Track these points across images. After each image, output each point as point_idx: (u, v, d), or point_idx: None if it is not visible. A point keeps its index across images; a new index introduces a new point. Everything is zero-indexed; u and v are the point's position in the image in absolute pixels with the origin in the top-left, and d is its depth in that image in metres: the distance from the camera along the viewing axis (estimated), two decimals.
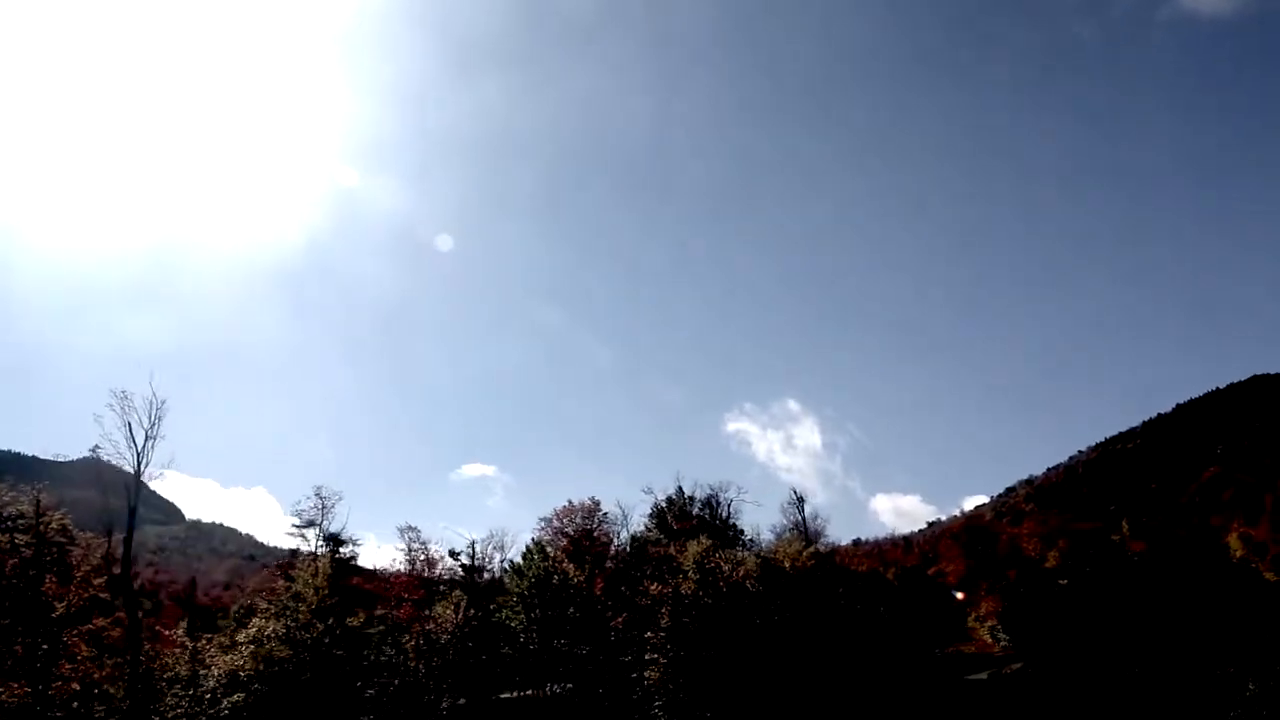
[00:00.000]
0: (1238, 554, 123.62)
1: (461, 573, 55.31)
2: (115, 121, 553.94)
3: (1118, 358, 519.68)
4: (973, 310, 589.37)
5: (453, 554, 55.86)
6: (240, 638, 42.32)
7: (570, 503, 60.36)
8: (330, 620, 42.23)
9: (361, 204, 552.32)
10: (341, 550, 52.62)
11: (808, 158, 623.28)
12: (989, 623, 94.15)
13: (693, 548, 57.08)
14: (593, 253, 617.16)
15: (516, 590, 52.66)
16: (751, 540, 74.22)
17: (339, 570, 46.49)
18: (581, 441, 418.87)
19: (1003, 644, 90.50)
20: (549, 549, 56.64)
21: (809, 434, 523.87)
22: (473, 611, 49.94)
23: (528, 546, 57.83)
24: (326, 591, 43.10)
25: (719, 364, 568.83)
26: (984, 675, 62.03)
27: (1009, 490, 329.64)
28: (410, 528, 60.71)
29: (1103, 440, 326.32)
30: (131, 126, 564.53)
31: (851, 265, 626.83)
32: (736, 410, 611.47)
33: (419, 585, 51.34)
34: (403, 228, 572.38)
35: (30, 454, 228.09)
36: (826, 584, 65.61)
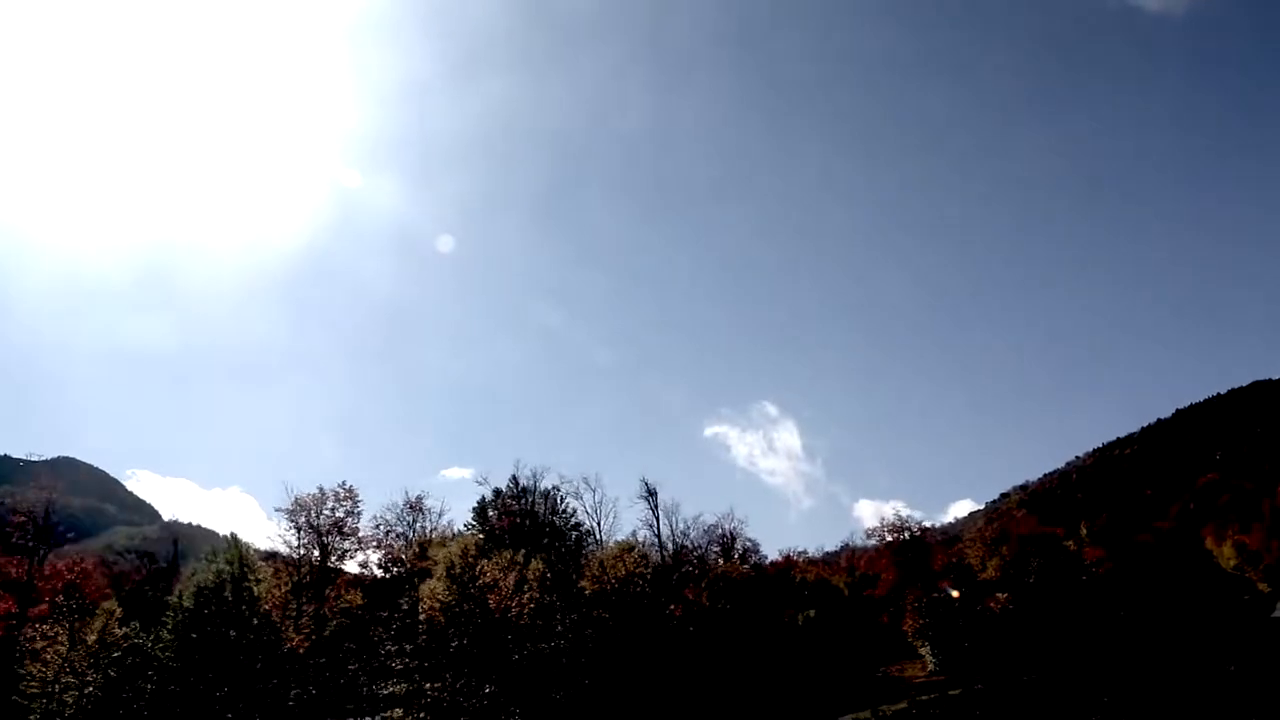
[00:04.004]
0: (1231, 562, 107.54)
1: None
2: (117, 123, 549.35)
3: (1118, 363, 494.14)
4: (967, 312, 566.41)
5: (138, 554, 41.77)
6: None
7: (321, 490, 45.68)
8: None
9: (363, 205, 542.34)
10: None
11: (804, 157, 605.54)
12: (919, 640, 77.80)
13: (446, 549, 42.27)
14: (591, 253, 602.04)
15: (176, 603, 37.90)
16: (597, 542, 58.96)
17: None
18: (564, 445, 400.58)
19: (931, 666, 74.37)
20: (255, 546, 41.88)
21: (788, 437, 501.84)
22: (120, 631, 35.75)
23: (211, 547, 43.07)
24: None
25: (700, 365, 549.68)
26: None
27: (1003, 496, 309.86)
28: None
29: (1100, 446, 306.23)
30: (134, 128, 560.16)
31: (846, 265, 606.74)
32: (714, 414, 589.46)
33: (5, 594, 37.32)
34: (404, 229, 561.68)
35: (1, 453, 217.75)
36: (658, 598, 50.11)
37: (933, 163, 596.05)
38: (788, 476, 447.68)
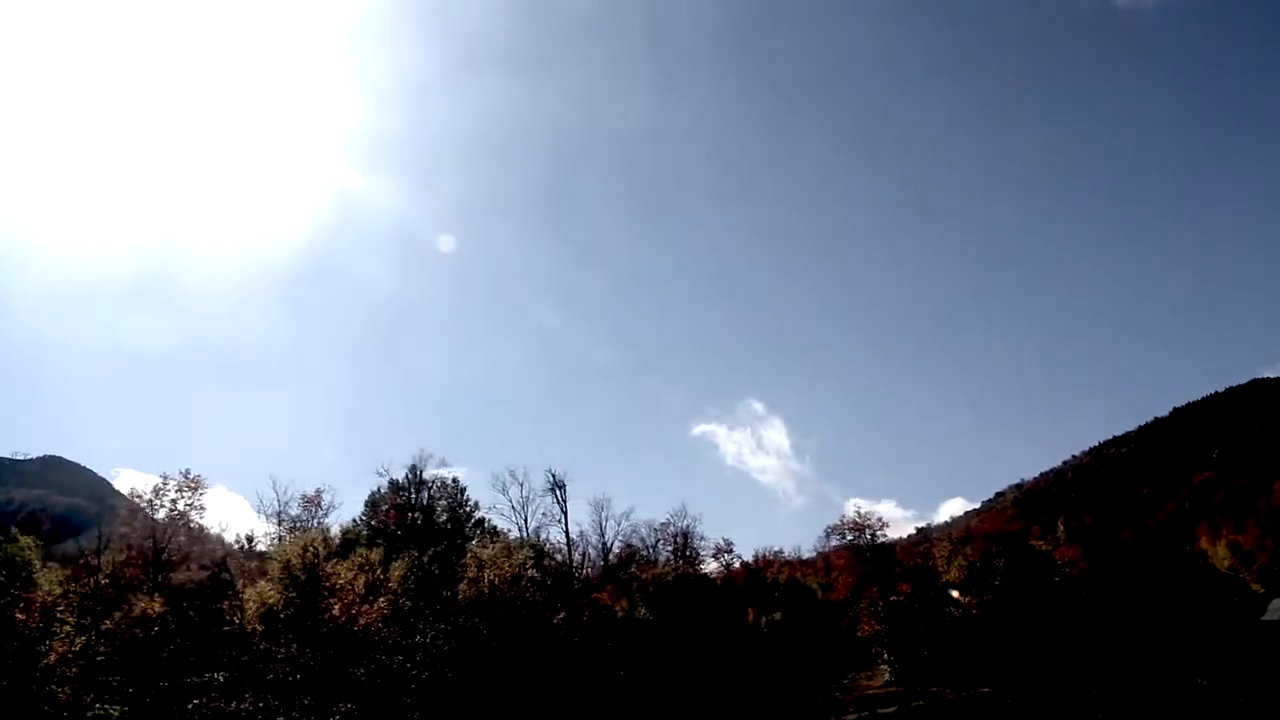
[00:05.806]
0: (1225, 562, 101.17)
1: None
2: (117, 123, 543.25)
3: (1116, 362, 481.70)
4: (964, 311, 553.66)
5: None
6: None
7: (164, 477, 39.95)
8: None
9: (363, 205, 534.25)
10: None
11: (804, 157, 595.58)
12: (879, 646, 71.23)
13: (283, 547, 36.32)
14: (591, 253, 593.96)
15: None
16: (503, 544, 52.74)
17: None
18: (560, 445, 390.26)
19: (888, 676, 67.88)
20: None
21: (776, 435, 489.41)
22: None
23: None
24: None
25: (690, 364, 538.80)
26: None
27: (998, 495, 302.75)
28: None
29: (1097, 445, 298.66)
30: (133, 128, 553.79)
31: (843, 264, 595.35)
32: (700, 413, 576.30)
33: None
34: (404, 229, 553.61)
35: None
36: (551, 604, 43.97)
37: (935, 161, 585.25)
38: (778, 475, 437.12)
